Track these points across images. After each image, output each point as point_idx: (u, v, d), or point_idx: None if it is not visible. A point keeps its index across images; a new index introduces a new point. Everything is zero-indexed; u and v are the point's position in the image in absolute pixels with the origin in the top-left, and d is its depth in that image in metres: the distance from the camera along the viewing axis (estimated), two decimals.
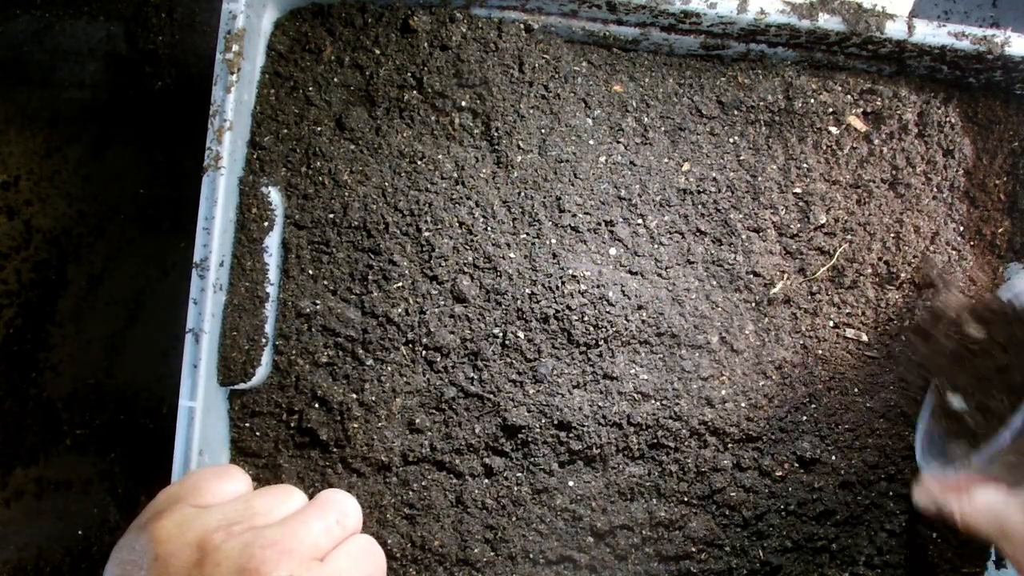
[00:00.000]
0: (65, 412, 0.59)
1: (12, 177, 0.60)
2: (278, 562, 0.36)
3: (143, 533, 0.37)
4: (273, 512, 0.40)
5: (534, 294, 0.47)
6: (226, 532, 0.37)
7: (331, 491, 0.44)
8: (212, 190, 0.45)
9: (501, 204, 0.49)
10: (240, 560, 0.35)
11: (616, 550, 0.50)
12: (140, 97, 0.60)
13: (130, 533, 0.38)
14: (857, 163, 0.52)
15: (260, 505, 0.40)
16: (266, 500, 0.41)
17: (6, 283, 0.59)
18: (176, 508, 0.38)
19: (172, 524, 0.37)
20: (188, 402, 0.45)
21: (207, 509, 0.39)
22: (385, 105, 0.50)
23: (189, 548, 0.36)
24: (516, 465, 0.49)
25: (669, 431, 0.49)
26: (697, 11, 0.48)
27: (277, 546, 0.37)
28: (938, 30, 0.49)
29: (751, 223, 0.51)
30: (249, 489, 0.43)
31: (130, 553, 0.37)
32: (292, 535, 0.38)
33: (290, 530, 0.38)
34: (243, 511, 0.39)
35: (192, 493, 0.40)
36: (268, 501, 0.41)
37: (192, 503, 0.39)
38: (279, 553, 0.36)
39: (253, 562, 0.35)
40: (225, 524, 0.38)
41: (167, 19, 0.61)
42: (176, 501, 0.39)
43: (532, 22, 0.50)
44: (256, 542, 0.36)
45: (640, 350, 0.48)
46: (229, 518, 0.38)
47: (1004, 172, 0.54)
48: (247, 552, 0.36)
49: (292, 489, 0.42)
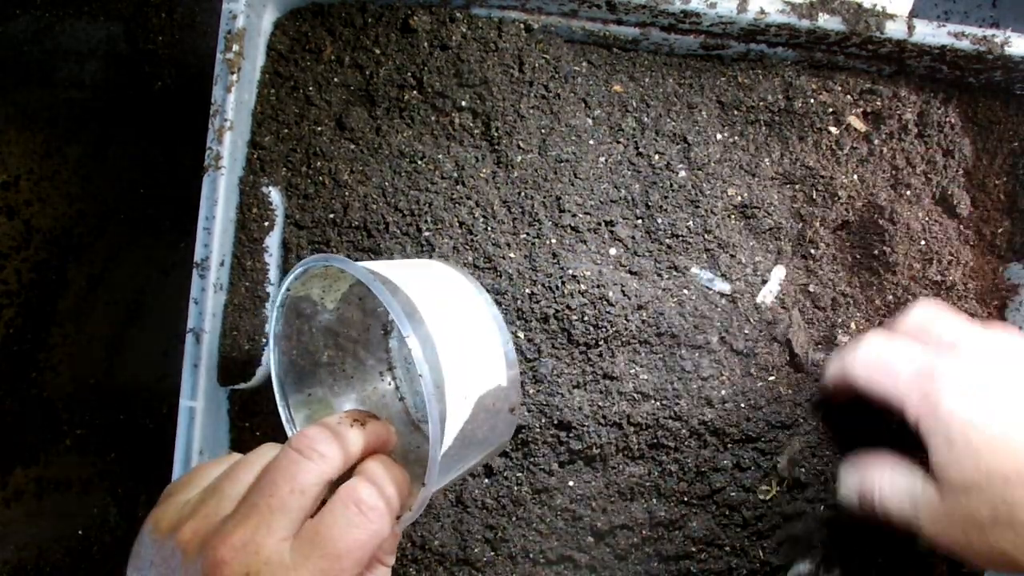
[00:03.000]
0: (65, 412, 0.59)
1: (12, 177, 0.60)
2: (232, 562, 0.31)
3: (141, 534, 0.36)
4: (237, 492, 0.35)
5: (534, 294, 0.47)
6: (192, 530, 0.33)
7: (273, 447, 0.37)
8: (212, 190, 0.45)
9: (501, 204, 0.49)
10: (204, 569, 0.32)
11: (616, 550, 0.50)
12: (140, 97, 0.60)
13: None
14: (857, 163, 0.52)
15: (227, 487, 0.35)
16: (231, 479, 0.35)
17: (6, 283, 0.59)
18: (164, 502, 0.36)
19: (154, 519, 0.35)
20: (188, 402, 0.45)
21: (181, 501, 0.35)
22: (385, 105, 0.50)
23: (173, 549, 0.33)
24: (516, 465, 0.49)
25: (669, 431, 0.49)
26: (697, 11, 0.48)
27: (230, 540, 0.32)
28: (938, 30, 0.49)
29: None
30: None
31: (135, 559, 0.35)
32: (245, 522, 0.33)
33: (242, 516, 0.33)
34: (209, 499, 0.35)
35: (183, 486, 0.37)
36: (235, 478, 0.35)
37: (182, 496, 0.36)
38: (233, 551, 0.32)
39: (211, 568, 0.32)
40: (191, 518, 0.34)
41: (167, 19, 0.61)
42: (167, 495, 0.37)
43: (532, 22, 0.50)
44: (211, 541, 0.32)
45: (640, 350, 0.48)
46: (196, 511, 0.34)
47: (1004, 172, 0.54)
48: (206, 557, 0.32)
49: (261, 453, 0.36)
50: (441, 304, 0.38)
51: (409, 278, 0.38)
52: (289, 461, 0.34)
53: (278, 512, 0.33)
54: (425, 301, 0.37)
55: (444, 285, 0.41)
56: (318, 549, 0.33)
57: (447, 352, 0.36)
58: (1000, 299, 0.54)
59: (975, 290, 0.53)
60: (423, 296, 0.37)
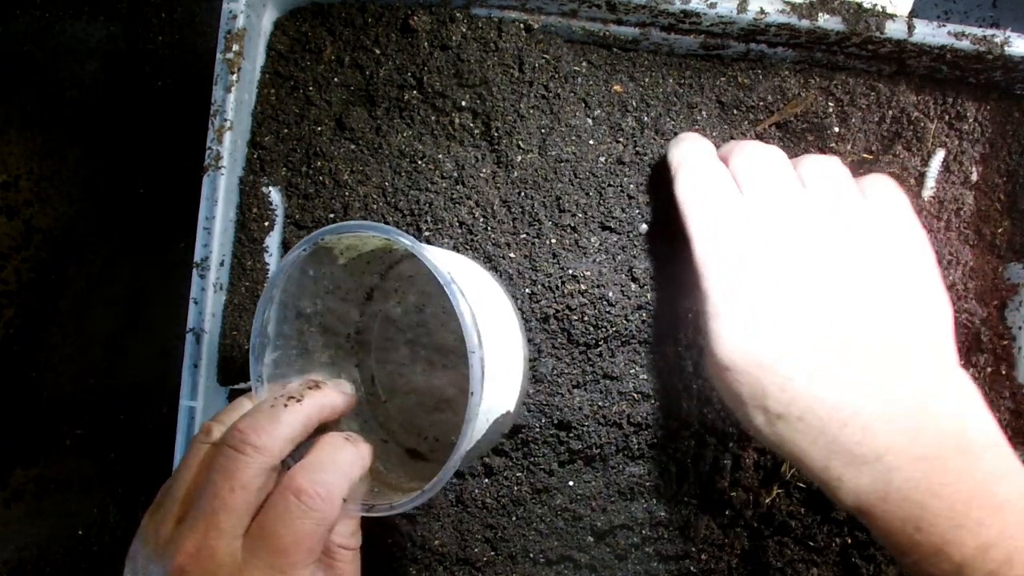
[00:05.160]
0: (65, 412, 0.59)
1: (12, 177, 0.60)
2: (190, 569, 0.31)
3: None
4: (181, 493, 0.34)
5: (534, 294, 0.47)
6: (154, 538, 0.33)
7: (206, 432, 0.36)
8: (212, 190, 0.45)
9: (501, 204, 0.49)
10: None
11: (616, 550, 0.50)
12: (140, 97, 0.60)
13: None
14: (857, 163, 0.52)
15: (173, 488, 0.35)
16: (176, 478, 0.35)
17: (6, 283, 0.59)
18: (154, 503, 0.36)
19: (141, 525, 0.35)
20: (188, 402, 0.45)
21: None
22: (385, 105, 0.50)
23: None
24: (516, 465, 0.49)
25: (669, 431, 0.49)
26: (697, 11, 0.48)
27: (185, 547, 0.32)
28: (938, 30, 0.49)
29: None
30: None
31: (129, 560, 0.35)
32: (195, 526, 0.32)
33: (192, 520, 0.32)
34: (163, 501, 0.35)
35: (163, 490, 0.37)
36: (178, 477, 0.35)
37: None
38: (189, 558, 0.31)
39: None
40: (154, 524, 0.34)
41: (167, 19, 0.61)
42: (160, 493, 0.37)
43: (532, 22, 0.50)
44: (168, 550, 0.32)
45: (640, 350, 0.48)
46: (154, 516, 0.34)
47: (1004, 172, 0.54)
48: (166, 567, 0.32)
49: (194, 449, 0.36)
50: (489, 315, 0.38)
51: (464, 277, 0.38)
52: (226, 459, 0.33)
53: (223, 513, 0.32)
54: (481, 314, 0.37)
55: (492, 298, 0.40)
56: (265, 545, 0.32)
57: (492, 372, 0.36)
58: (1000, 299, 0.54)
59: (975, 290, 0.53)
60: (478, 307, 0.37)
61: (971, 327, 0.52)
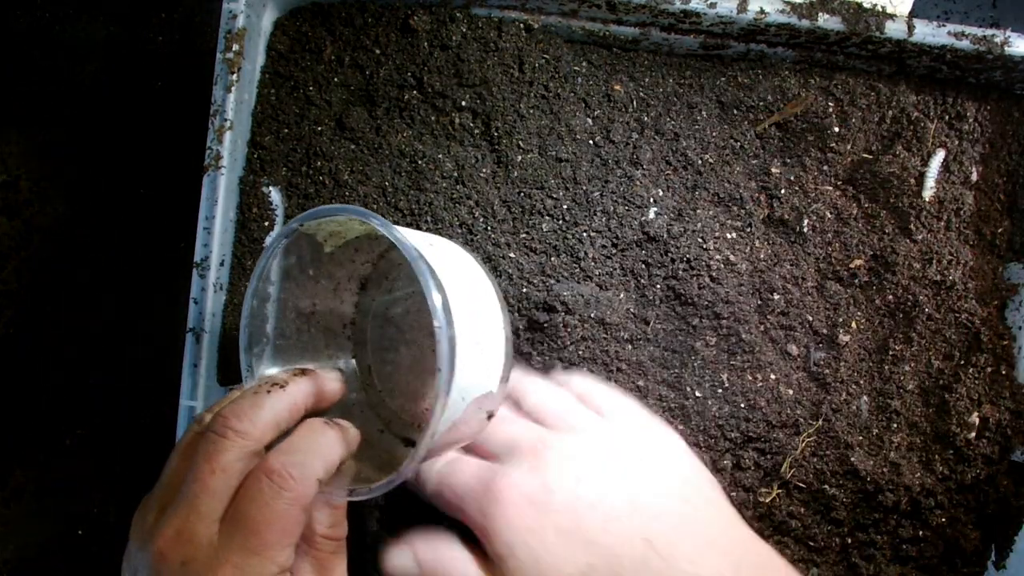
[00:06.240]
0: (65, 412, 0.59)
1: (12, 177, 0.60)
2: (169, 553, 0.31)
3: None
4: (168, 479, 0.35)
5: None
6: (141, 525, 0.34)
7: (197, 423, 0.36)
8: (212, 190, 0.45)
9: (501, 204, 0.49)
10: (150, 563, 0.32)
11: None
12: (140, 97, 0.60)
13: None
14: (857, 163, 0.52)
15: (162, 476, 0.35)
16: (167, 466, 0.35)
17: (6, 283, 0.59)
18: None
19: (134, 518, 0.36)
20: (188, 402, 0.45)
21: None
22: (385, 105, 0.50)
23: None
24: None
25: None
26: (697, 11, 0.48)
27: (166, 531, 0.32)
28: (938, 30, 0.49)
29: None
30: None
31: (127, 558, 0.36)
32: (177, 510, 0.33)
33: (175, 505, 0.33)
34: (154, 491, 0.35)
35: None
36: (168, 464, 0.35)
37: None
38: (168, 542, 0.32)
39: (155, 561, 0.32)
40: (143, 516, 0.34)
41: (167, 19, 0.61)
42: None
43: (532, 22, 0.50)
44: (152, 534, 0.32)
45: (640, 350, 0.48)
46: (145, 510, 0.35)
47: (1004, 172, 0.54)
48: (150, 552, 0.32)
49: (186, 438, 0.36)
50: (465, 296, 0.38)
51: (439, 263, 0.37)
52: (207, 443, 0.33)
53: (202, 496, 0.32)
54: (454, 293, 0.36)
55: (469, 276, 0.40)
56: (239, 527, 0.32)
57: (463, 343, 0.36)
58: (1000, 299, 0.54)
59: (975, 290, 0.53)
60: (450, 284, 0.36)
61: (971, 327, 0.52)
